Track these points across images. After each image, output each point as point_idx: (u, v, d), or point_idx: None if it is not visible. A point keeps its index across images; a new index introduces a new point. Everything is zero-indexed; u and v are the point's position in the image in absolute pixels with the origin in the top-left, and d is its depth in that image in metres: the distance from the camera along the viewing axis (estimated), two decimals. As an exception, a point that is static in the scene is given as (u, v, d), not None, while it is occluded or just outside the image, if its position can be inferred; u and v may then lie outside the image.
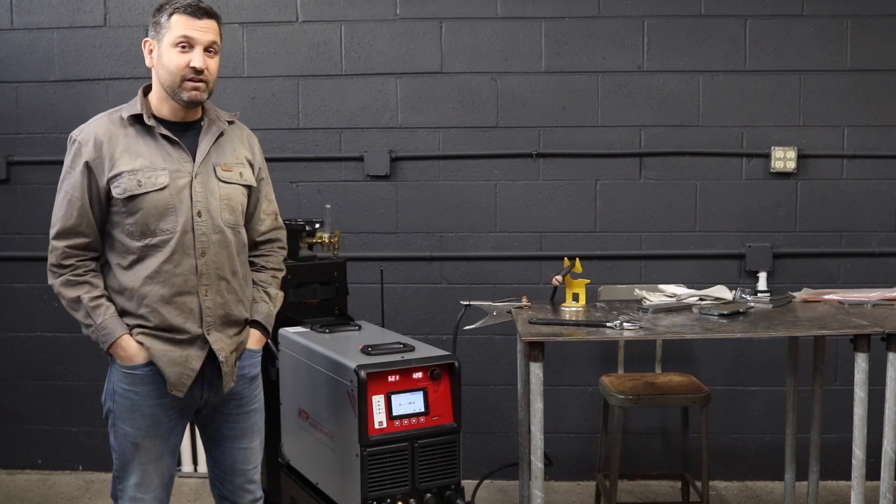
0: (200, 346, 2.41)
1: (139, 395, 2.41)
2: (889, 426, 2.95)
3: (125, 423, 2.43)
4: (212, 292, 2.41)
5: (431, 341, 3.16)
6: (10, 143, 4.22)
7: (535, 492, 2.94)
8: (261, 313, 2.57)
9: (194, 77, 2.36)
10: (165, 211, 2.36)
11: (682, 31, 4.08)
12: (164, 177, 2.36)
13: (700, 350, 4.16)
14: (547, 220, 4.16)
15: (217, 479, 2.63)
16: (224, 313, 2.44)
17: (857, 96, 4.07)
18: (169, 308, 2.37)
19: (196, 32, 2.36)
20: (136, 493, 2.44)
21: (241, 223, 2.52)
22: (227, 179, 2.46)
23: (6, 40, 4.19)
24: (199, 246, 2.39)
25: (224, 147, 2.49)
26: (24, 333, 4.31)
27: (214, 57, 2.41)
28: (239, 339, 2.50)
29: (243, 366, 2.54)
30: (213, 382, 2.46)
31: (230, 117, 2.56)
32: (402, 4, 4.11)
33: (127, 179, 2.34)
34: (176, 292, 2.37)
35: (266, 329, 2.59)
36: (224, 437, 2.57)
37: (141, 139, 2.39)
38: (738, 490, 4.15)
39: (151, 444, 2.44)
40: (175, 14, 2.36)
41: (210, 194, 2.42)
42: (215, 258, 2.42)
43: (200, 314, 2.40)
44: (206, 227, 2.40)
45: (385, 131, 4.16)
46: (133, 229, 2.36)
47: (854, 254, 4.12)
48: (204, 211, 2.40)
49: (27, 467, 4.37)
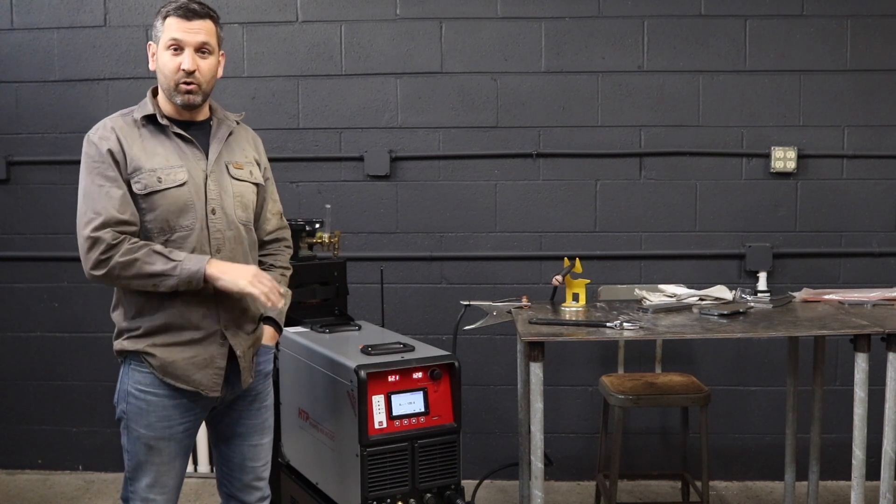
0: (220, 343, 2.41)
1: (157, 395, 2.40)
2: (889, 426, 2.95)
3: (139, 425, 2.41)
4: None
5: (431, 341, 3.16)
6: (10, 143, 4.22)
7: (535, 492, 2.94)
8: (273, 310, 2.57)
9: (186, 80, 2.35)
10: (185, 207, 2.36)
11: (682, 31, 4.08)
12: (183, 173, 2.36)
13: (700, 350, 4.16)
14: (547, 220, 4.16)
15: (225, 476, 2.62)
16: (241, 309, 2.45)
17: (857, 96, 4.07)
18: (187, 306, 2.36)
19: (186, 34, 2.35)
20: (148, 493, 2.43)
21: (253, 221, 2.53)
22: (240, 177, 2.48)
23: (6, 40, 4.19)
24: (215, 243, 2.40)
25: (234, 146, 2.51)
26: (24, 333, 4.31)
27: (208, 58, 2.39)
28: (255, 336, 2.51)
29: (259, 361, 2.54)
30: (230, 379, 2.46)
31: (237, 118, 2.58)
32: (402, 4, 4.11)
33: (147, 176, 2.33)
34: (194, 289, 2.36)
35: (280, 325, 2.62)
36: (237, 433, 2.57)
37: (155, 139, 2.39)
38: (738, 490, 4.15)
39: (166, 446, 2.43)
40: (168, 17, 2.36)
41: (224, 192, 2.43)
42: (231, 255, 2.42)
43: (218, 311, 2.40)
44: (220, 224, 2.41)
45: (385, 131, 4.16)
46: (152, 226, 2.35)
47: (854, 254, 4.12)
48: (218, 208, 2.41)
49: (27, 467, 4.37)
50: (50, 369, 4.31)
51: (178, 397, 2.41)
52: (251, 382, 2.51)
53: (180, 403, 2.42)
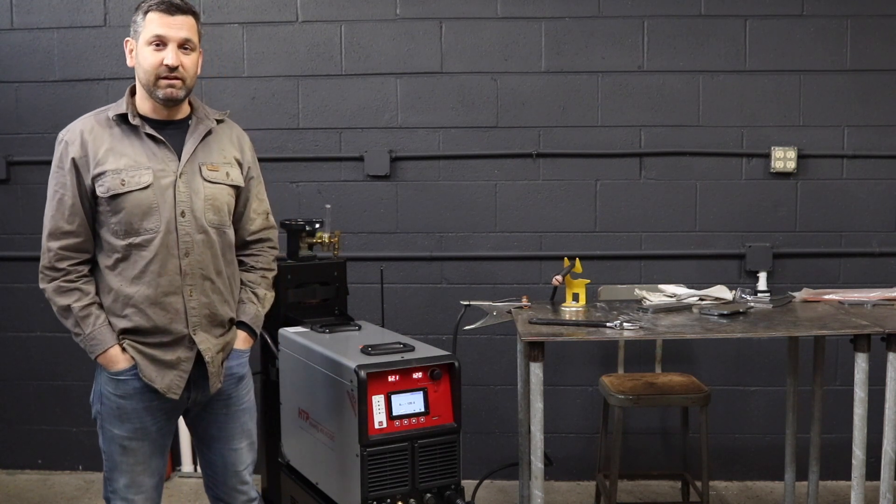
0: (187, 346, 2.41)
1: (125, 399, 2.41)
2: (889, 426, 2.95)
3: (112, 426, 2.43)
4: (196, 292, 2.41)
5: (431, 341, 3.16)
6: (10, 143, 4.22)
7: (535, 492, 2.94)
8: (247, 314, 2.56)
9: (168, 75, 2.35)
10: (149, 210, 2.35)
11: (682, 31, 4.08)
12: (148, 176, 2.35)
13: (700, 350, 4.16)
14: (547, 220, 4.16)
15: (210, 480, 2.63)
16: (209, 313, 2.44)
17: (857, 96, 4.07)
18: (154, 309, 2.37)
19: (169, 30, 2.34)
20: (127, 494, 2.44)
21: (227, 223, 2.50)
22: (213, 179, 2.45)
23: (6, 40, 4.19)
24: (183, 246, 2.38)
25: (211, 146, 2.48)
26: (23, 333, 4.31)
27: (190, 54, 2.39)
28: (225, 340, 2.49)
29: (230, 366, 2.53)
30: (199, 383, 2.46)
31: (219, 115, 2.55)
32: (402, 4, 4.11)
33: (111, 178, 2.34)
34: (161, 293, 2.37)
35: (253, 330, 2.58)
36: (213, 437, 2.57)
37: (126, 139, 2.38)
38: (738, 490, 4.15)
39: (139, 446, 2.44)
40: (150, 12, 2.35)
41: (194, 194, 2.41)
42: (199, 258, 2.41)
43: (186, 314, 2.40)
44: (189, 228, 2.39)
45: (385, 131, 4.16)
46: (117, 228, 2.36)
47: (854, 254, 4.12)
48: (187, 211, 2.39)
49: (27, 467, 4.37)
50: (50, 369, 4.31)
51: (149, 399, 2.41)
52: (220, 387, 2.49)
53: (151, 406, 2.43)
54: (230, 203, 2.50)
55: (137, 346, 2.39)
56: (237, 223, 2.56)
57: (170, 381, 2.40)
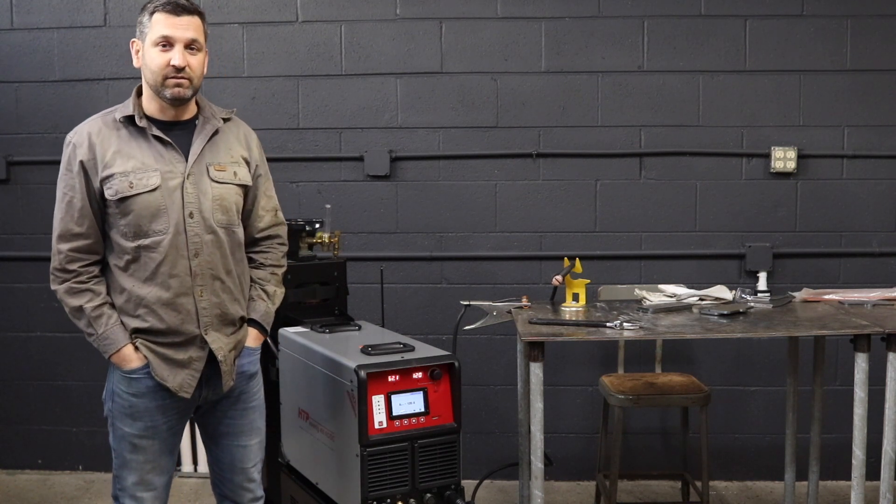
0: (199, 346, 2.42)
1: (137, 397, 2.42)
2: (889, 426, 2.95)
3: (124, 424, 2.44)
4: (207, 292, 2.41)
5: (431, 341, 3.16)
6: (10, 143, 4.22)
7: (535, 492, 2.94)
8: (258, 311, 2.57)
9: (175, 75, 2.35)
10: (157, 212, 2.36)
11: (682, 31, 4.08)
12: (156, 178, 2.36)
13: (700, 350, 4.16)
14: (547, 220, 4.16)
15: (217, 477, 2.64)
16: (220, 313, 2.45)
17: (857, 96, 4.07)
18: (167, 310, 2.38)
19: (175, 30, 2.34)
20: (135, 491, 2.45)
21: (236, 222, 2.50)
22: (221, 179, 2.45)
23: (6, 40, 4.19)
24: (192, 247, 2.39)
25: (219, 146, 2.48)
26: (24, 333, 4.31)
27: (197, 54, 2.39)
28: (237, 338, 2.50)
29: (242, 363, 2.54)
30: (212, 381, 2.47)
31: (226, 114, 2.54)
32: (402, 4, 4.11)
33: (119, 181, 2.34)
34: (172, 294, 2.37)
35: (264, 327, 2.59)
36: (222, 434, 2.58)
37: (133, 140, 2.38)
38: (738, 490, 4.15)
39: (150, 445, 2.45)
40: (155, 12, 2.35)
41: (202, 195, 2.41)
42: (209, 258, 2.41)
43: (197, 315, 2.40)
44: (198, 228, 2.40)
45: (385, 131, 4.16)
46: (126, 230, 2.36)
47: (854, 254, 4.12)
48: (196, 212, 2.39)
49: (27, 467, 4.37)
50: (50, 369, 4.31)
51: (161, 398, 2.42)
52: (233, 384, 2.51)
53: (163, 405, 2.43)
54: (238, 202, 2.51)
55: (150, 345, 2.40)
56: (246, 220, 2.57)
57: (182, 379, 2.41)
